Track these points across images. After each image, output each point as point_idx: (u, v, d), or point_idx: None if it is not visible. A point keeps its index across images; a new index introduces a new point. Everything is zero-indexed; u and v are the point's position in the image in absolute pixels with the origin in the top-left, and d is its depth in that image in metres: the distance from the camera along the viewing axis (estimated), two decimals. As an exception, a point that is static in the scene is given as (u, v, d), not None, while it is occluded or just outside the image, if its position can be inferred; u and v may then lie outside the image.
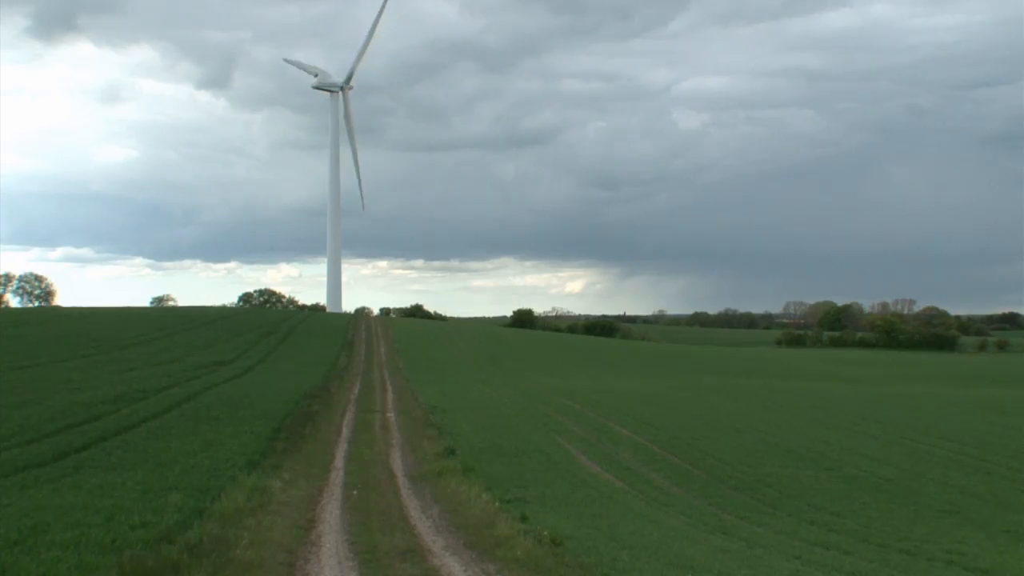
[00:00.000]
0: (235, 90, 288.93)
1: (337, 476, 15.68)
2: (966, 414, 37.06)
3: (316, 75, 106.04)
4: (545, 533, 10.54)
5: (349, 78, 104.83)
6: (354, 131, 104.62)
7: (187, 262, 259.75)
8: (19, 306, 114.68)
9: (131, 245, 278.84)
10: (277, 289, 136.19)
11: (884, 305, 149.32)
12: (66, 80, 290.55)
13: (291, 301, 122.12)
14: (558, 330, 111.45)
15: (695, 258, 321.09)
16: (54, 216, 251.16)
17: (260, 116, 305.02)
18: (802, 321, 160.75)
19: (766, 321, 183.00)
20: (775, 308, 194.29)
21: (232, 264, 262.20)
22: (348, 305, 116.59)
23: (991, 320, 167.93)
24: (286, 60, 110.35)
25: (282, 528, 11.10)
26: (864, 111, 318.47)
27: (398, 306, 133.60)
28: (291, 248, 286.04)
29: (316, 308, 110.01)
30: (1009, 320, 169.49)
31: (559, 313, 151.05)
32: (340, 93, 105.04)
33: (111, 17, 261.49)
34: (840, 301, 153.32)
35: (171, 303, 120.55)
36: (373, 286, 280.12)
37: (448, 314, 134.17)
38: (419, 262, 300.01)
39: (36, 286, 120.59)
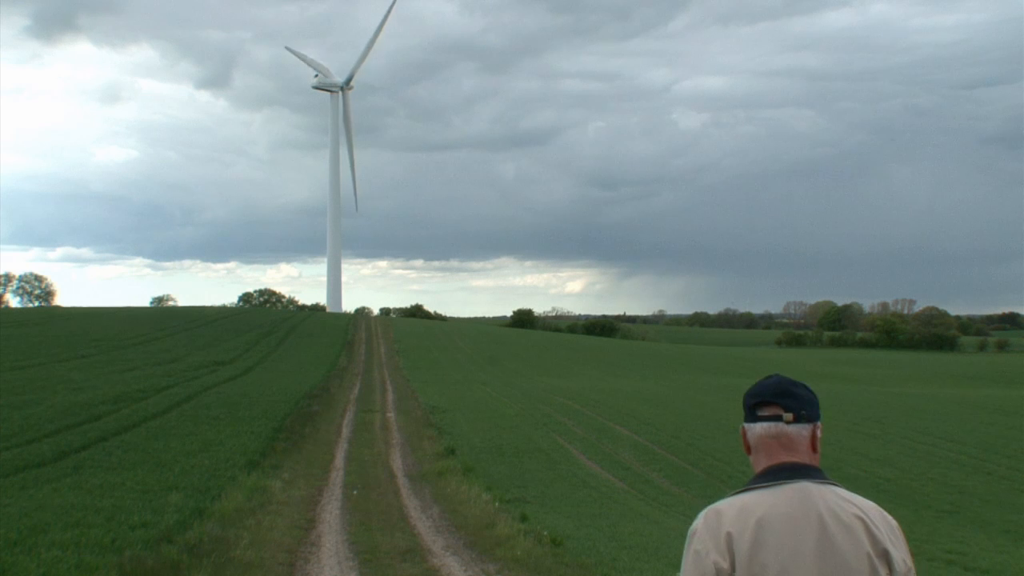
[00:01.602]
0: (235, 90, 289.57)
1: (337, 476, 15.67)
2: (966, 414, 37.06)
3: (316, 74, 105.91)
4: (545, 533, 10.54)
5: (350, 79, 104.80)
6: (352, 132, 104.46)
7: (187, 262, 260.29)
8: (19, 306, 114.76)
9: (131, 245, 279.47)
10: (277, 289, 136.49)
11: (884, 305, 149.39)
12: (66, 80, 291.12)
13: (291, 301, 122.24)
14: (558, 330, 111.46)
15: (695, 258, 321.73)
16: (54, 216, 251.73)
17: (260, 116, 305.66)
18: (802, 321, 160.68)
19: (766, 321, 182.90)
20: (775, 308, 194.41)
21: (232, 264, 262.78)
22: (348, 305, 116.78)
23: (991, 320, 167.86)
24: (288, 48, 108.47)
25: (282, 528, 11.10)
26: (864, 111, 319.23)
27: (398, 306, 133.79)
28: (291, 248, 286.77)
29: (316, 308, 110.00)
30: (1009, 320, 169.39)
31: (559, 313, 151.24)
32: (340, 93, 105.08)
33: (111, 17, 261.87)
34: (840, 301, 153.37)
35: (171, 303, 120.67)
36: (373, 286, 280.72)
37: (448, 314, 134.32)
38: (419, 262, 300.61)
39: (36, 286, 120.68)
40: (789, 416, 2.37)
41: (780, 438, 2.37)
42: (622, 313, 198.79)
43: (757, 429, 2.43)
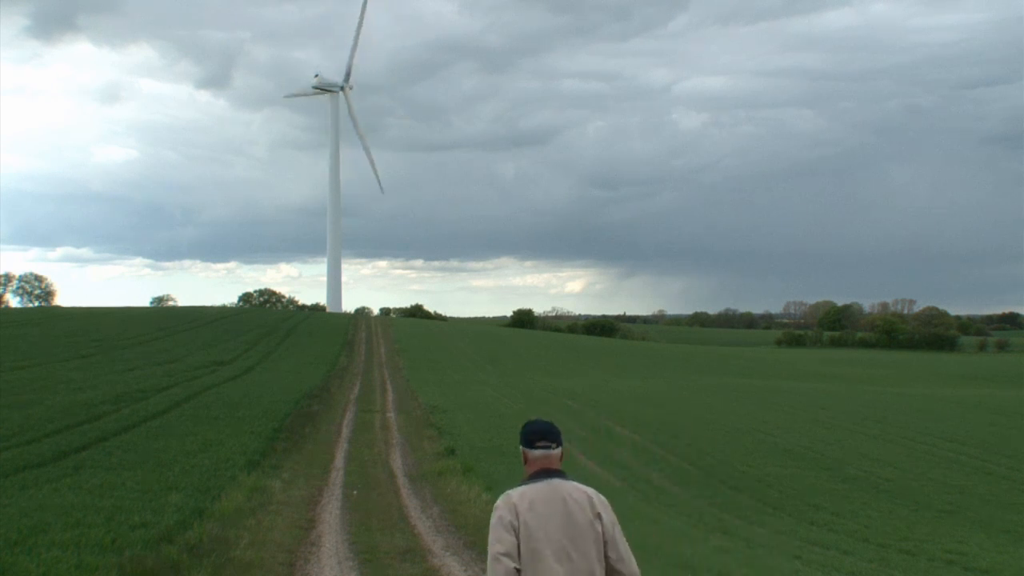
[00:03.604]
0: (234, 90, 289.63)
1: (337, 476, 15.67)
2: (966, 414, 37.07)
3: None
4: (545, 533, 10.51)
5: (347, 76, 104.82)
6: (360, 129, 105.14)
7: (187, 262, 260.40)
8: (19, 306, 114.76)
9: (131, 245, 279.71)
10: (277, 289, 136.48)
11: (884, 305, 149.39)
12: (65, 80, 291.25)
13: (291, 301, 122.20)
14: (558, 330, 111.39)
15: (695, 258, 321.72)
16: (53, 216, 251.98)
17: (260, 116, 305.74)
18: (802, 321, 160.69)
19: (766, 321, 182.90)
20: (775, 308, 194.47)
21: (232, 264, 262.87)
22: (348, 305, 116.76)
23: (991, 320, 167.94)
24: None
25: (282, 528, 11.10)
26: (864, 111, 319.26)
27: (398, 306, 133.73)
28: (291, 248, 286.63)
29: (316, 308, 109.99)
30: (1009, 320, 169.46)
31: (559, 313, 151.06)
32: (340, 93, 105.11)
33: (110, 17, 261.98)
34: (840, 301, 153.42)
35: (171, 303, 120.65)
36: (373, 286, 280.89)
37: (448, 314, 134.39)
38: (419, 262, 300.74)
39: (36, 286, 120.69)
40: (553, 445, 4.03)
41: (548, 457, 4.00)
42: (622, 313, 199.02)
43: (536, 452, 4.02)
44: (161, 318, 69.57)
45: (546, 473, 3.96)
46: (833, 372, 69.12)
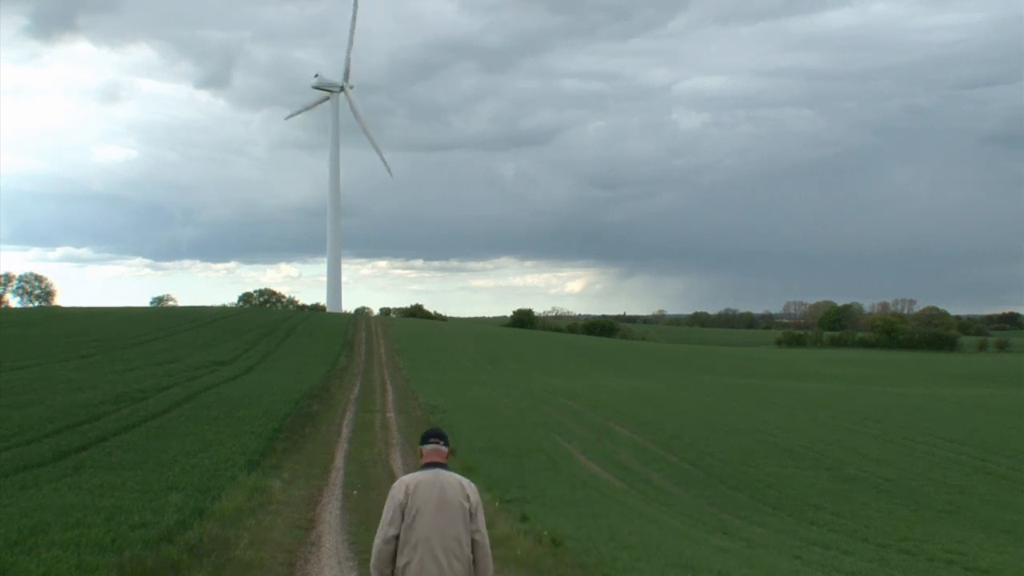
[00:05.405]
0: (234, 90, 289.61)
1: (337, 476, 15.67)
2: (966, 414, 37.07)
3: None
4: (545, 533, 10.55)
5: (347, 75, 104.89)
6: (365, 124, 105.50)
7: (187, 262, 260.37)
8: (19, 306, 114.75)
9: (131, 245, 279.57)
10: (277, 289, 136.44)
11: (884, 305, 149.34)
12: (65, 80, 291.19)
13: (291, 301, 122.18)
14: (558, 330, 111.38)
15: (695, 258, 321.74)
16: (53, 216, 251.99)
17: (259, 116, 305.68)
18: (802, 321, 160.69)
19: (766, 321, 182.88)
20: (775, 308, 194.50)
21: (232, 264, 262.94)
22: (348, 305, 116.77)
23: (991, 320, 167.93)
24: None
25: (282, 528, 11.10)
26: (864, 111, 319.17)
27: (398, 306, 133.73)
28: (291, 248, 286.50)
29: (316, 308, 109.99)
30: (1009, 320, 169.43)
31: (559, 313, 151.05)
32: (340, 93, 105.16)
33: (110, 16, 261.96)
34: (840, 301, 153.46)
35: (171, 303, 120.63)
36: (373, 286, 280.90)
37: (448, 314, 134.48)
38: (419, 262, 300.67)
39: (36, 286, 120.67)
40: (441, 443, 5.29)
41: (436, 452, 5.25)
42: (622, 313, 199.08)
43: (428, 447, 5.28)
44: (161, 318, 69.57)
45: (433, 465, 5.23)
46: (833, 372, 69.11)
